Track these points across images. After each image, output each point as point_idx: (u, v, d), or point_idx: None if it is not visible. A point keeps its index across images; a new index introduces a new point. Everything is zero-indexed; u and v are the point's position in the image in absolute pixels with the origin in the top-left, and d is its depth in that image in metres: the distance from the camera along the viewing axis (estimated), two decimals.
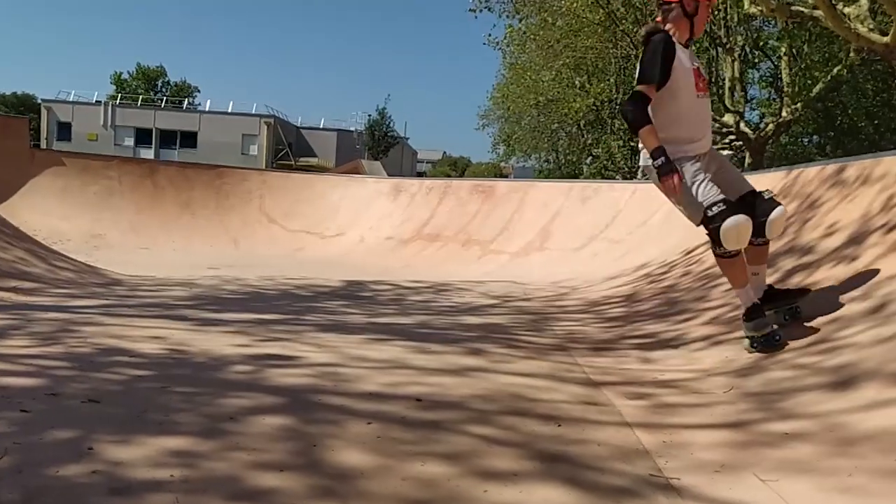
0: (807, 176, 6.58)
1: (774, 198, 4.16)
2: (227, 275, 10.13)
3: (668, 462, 2.58)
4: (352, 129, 60.59)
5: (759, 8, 13.82)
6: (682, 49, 4.19)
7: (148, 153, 53.21)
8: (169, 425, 2.71)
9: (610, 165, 32.07)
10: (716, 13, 20.05)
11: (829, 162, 6.65)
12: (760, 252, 4.24)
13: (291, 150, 57.11)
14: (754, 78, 28.64)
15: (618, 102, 30.43)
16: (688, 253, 7.64)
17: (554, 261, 11.36)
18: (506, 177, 52.74)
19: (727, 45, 22.03)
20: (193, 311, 5.99)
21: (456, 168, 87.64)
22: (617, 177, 30.26)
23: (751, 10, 14.41)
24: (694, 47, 4.53)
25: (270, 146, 56.61)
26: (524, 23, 26.12)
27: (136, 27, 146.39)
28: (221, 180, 19.63)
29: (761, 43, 24.13)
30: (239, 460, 2.39)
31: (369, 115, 58.87)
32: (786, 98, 21.54)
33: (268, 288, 8.47)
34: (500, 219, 14.34)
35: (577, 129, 34.45)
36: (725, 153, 19.95)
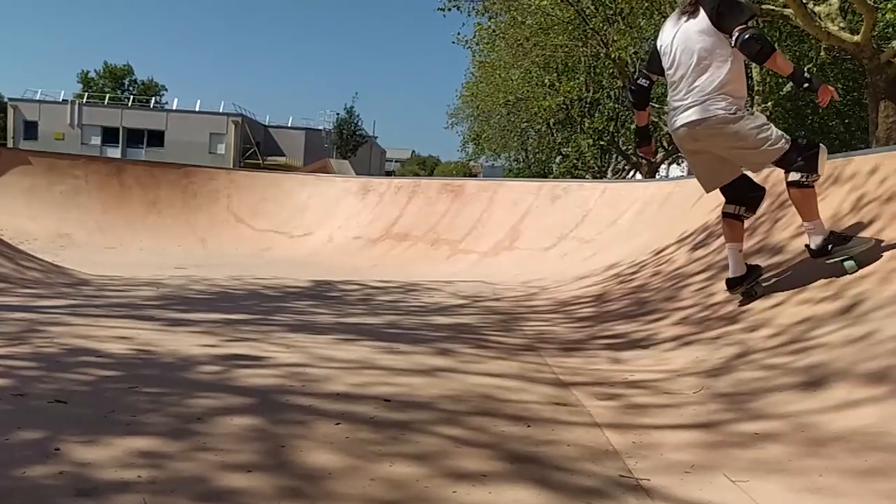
0: (778, 175, 6.64)
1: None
2: (195, 275, 10.01)
3: (638, 463, 2.58)
4: (320, 128, 60.51)
5: None
6: None
7: (115, 152, 52.68)
8: (136, 426, 2.67)
9: (580, 164, 32.25)
10: None
11: None
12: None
13: (259, 149, 56.79)
14: None
15: (587, 101, 30.62)
16: (657, 253, 7.69)
17: (523, 260, 11.37)
18: (475, 176, 52.76)
19: None
20: (161, 311, 5.91)
21: (425, 167, 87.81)
22: (587, 176, 30.42)
23: None
24: None
25: (238, 145, 56.27)
26: (493, 21, 26.07)
27: (103, 25, 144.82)
28: (188, 179, 19.38)
29: None
30: (207, 461, 2.36)
31: (338, 114, 58.93)
32: (756, 97, 21.74)
33: (235, 288, 8.39)
34: (470, 218, 14.30)
35: (547, 128, 34.53)
36: None
